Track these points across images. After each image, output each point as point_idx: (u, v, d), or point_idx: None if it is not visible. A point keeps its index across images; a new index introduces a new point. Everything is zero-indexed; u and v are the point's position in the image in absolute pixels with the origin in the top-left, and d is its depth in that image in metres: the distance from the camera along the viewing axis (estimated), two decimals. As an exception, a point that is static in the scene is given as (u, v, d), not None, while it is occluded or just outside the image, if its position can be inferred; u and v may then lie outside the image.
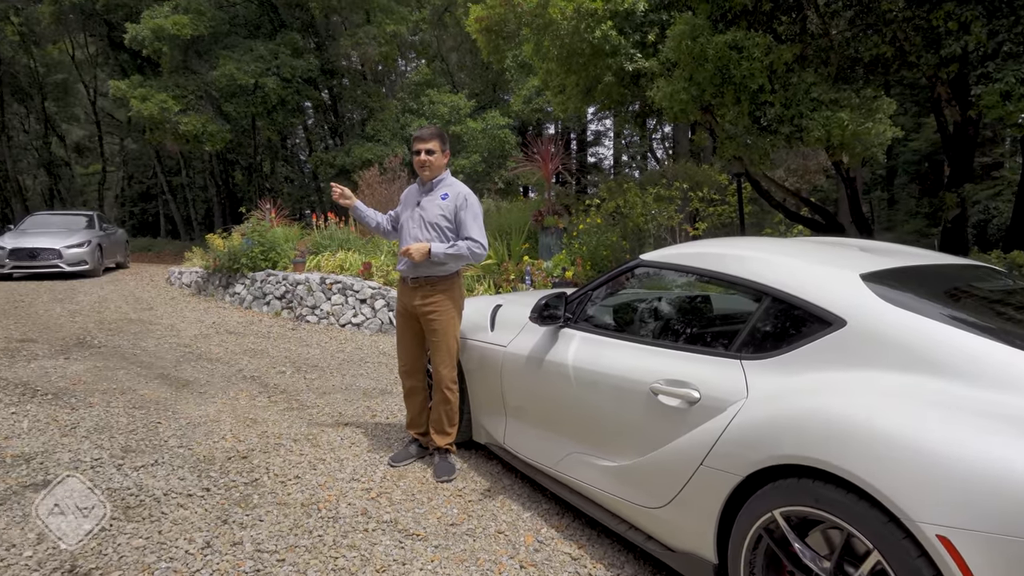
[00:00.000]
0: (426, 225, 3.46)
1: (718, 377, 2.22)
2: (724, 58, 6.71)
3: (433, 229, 3.45)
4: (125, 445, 3.85)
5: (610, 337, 2.80)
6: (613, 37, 7.55)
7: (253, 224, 10.51)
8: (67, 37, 25.56)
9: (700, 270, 2.56)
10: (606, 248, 8.42)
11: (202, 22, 16.69)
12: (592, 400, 2.70)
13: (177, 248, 22.02)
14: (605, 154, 32.71)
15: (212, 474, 3.45)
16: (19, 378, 5.30)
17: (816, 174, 15.71)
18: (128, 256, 16.57)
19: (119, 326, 7.79)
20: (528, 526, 2.96)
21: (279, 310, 8.97)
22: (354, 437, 4.11)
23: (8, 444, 3.84)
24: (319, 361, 6.36)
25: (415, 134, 3.53)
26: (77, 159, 33.21)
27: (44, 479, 3.35)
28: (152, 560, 2.57)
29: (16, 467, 3.50)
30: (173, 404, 4.72)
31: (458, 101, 19.73)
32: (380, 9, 19.65)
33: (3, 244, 12.63)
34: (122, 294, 10.71)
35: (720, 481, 2.06)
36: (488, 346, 3.47)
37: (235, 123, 19.22)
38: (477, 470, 3.62)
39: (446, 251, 3.35)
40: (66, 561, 2.57)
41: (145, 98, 16.47)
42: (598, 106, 9.93)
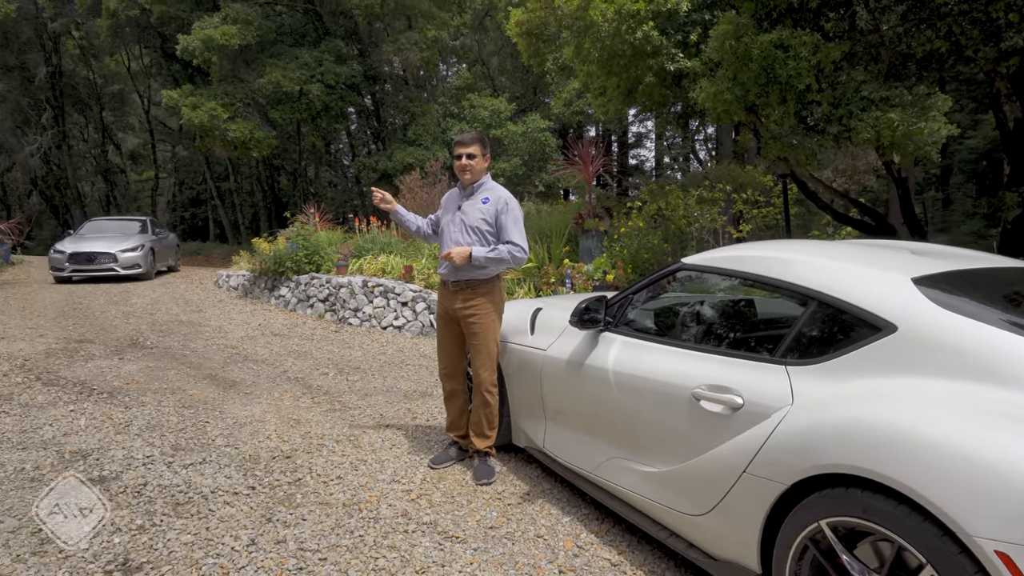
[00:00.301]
0: (467, 229, 3.47)
1: (762, 383, 2.17)
2: (769, 57, 6.58)
3: (474, 233, 3.46)
4: (175, 443, 3.96)
5: (651, 341, 2.76)
6: (655, 38, 7.47)
7: (297, 228, 10.73)
8: (123, 49, 26.56)
9: (744, 273, 2.51)
10: (647, 251, 8.33)
11: (250, 31, 17.13)
12: (632, 405, 2.67)
13: (225, 252, 22.64)
14: (647, 156, 32.43)
15: (257, 473, 3.53)
16: (77, 377, 5.52)
17: (866, 174, 15.27)
18: (179, 259, 17.10)
19: (170, 328, 8.04)
20: (567, 531, 2.95)
21: (322, 313, 9.13)
22: (395, 439, 4.15)
23: (67, 440, 4.00)
24: (361, 363, 6.44)
25: (456, 138, 3.55)
26: (132, 166, 34.45)
27: (100, 475, 3.47)
28: (200, 556, 2.64)
29: (74, 462, 3.64)
30: (220, 404, 4.85)
31: (499, 105, 19.81)
32: (421, 15, 19.88)
33: (63, 248, 13.18)
34: (173, 296, 11.05)
35: (764, 489, 2.01)
36: (528, 349, 3.46)
37: (281, 129, 19.68)
38: (516, 473, 3.62)
39: (487, 255, 3.36)
40: (119, 555, 2.65)
41: (196, 106, 16.99)
42: (639, 108, 9.83)
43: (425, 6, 19.86)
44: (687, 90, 7.94)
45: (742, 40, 6.63)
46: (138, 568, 2.55)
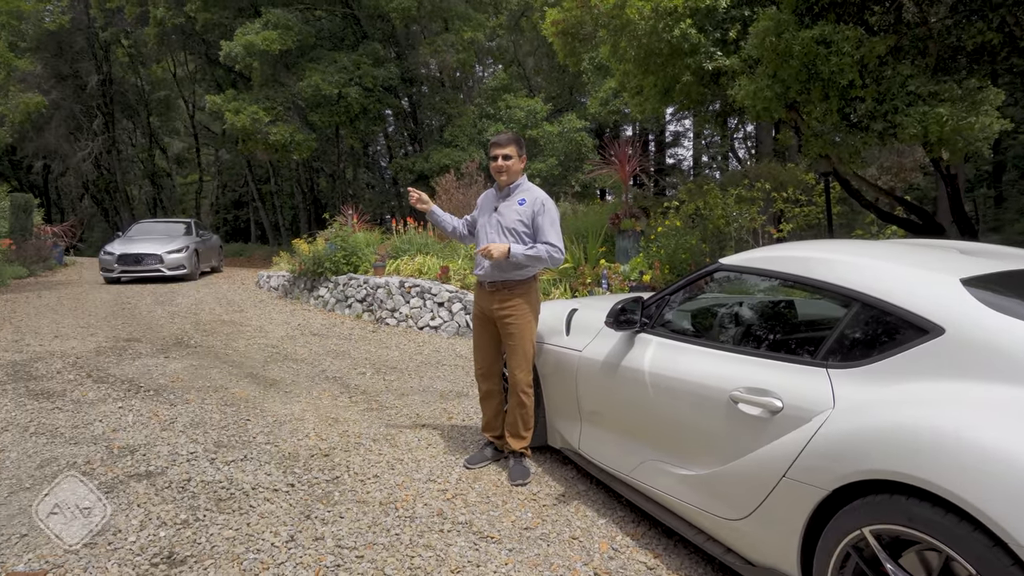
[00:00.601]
0: (503, 230, 3.48)
1: (802, 386, 2.12)
2: (811, 54, 6.43)
3: (510, 234, 3.47)
4: (218, 440, 4.06)
5: (688, 343, 2.72)
6: (693, 35, 7.37)
7: (336, 229, 10.90)
8: (169, 56, 27.34)
9: (784, 274, 2.46)
10: (685, 251, 8.23)
11: (290, 36, 17.46)
12: (669, 407, 2.64)
13: (266, 253, 23.12)
14: (684, 155, 32.04)
15: (296, 470, 3.59)
16: (125, 375, 5.70)
17: (912, 171, 14.81)
18: (222, 260, 17.54)
19: (213, 327, 8.24)
20: (603, 533, 2.93)
21: (360, 313, 9.25)
22: (431, 438, 4.18)
23: (116, 436, 4.13)
24: (398, 363, 6.51)
25: (492, 140, 3.55)
26: (177, 170, 35.46)
27: (146, 470, 3.57)
28: (241, 551, 2.70)
29: (122, 458, 3.76)
30: (261, 402, 4.95)
31: (535, 105, 19.81)
32: (458, 17, 19.99)
33: (112, 250, 13.64)
34: (216, 297, 11.33)
35: (804, 494, 1.96)
36: (563, 350, 3.45)
37: (320, 132, 20.01)
38: (552, 474, 3.61)
39: (525, 252, 3.35)
40: (165, 548, 2.73)
41: (238, 111, 17.39)
42: (677, 107, 9.72)
43: (461, 8, 19.98)
44: (725, 88, 7.81)
45: (783, 36, 6.50)
46: (182, 561, 2.62)
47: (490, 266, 3.48)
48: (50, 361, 6.16)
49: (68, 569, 2.57)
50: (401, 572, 2.56)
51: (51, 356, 6.37)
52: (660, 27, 7.53)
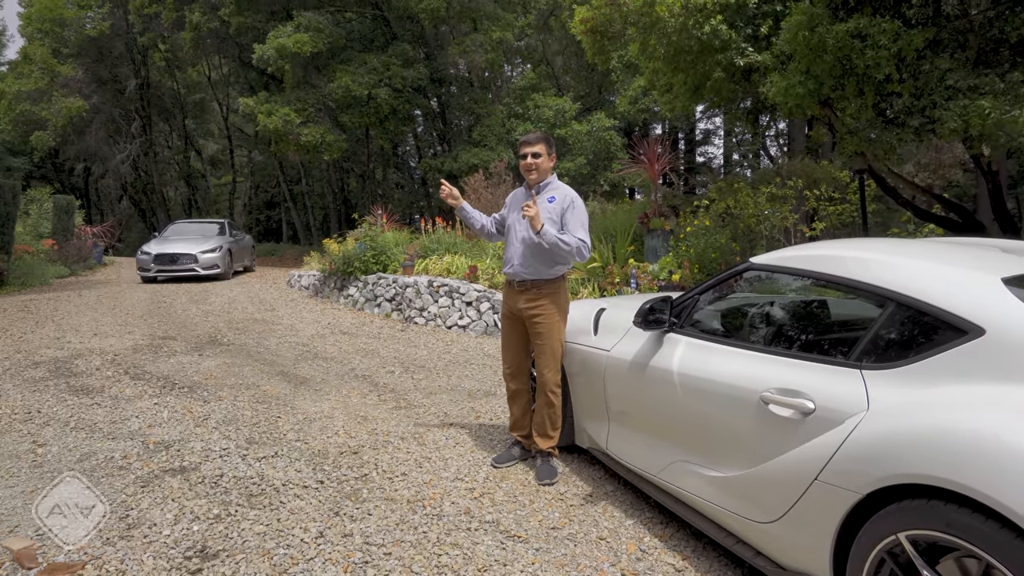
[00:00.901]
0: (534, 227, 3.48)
1: (835, 387, 2.08)
2: (845, 48, 6.30)
3: None
4: (249, 437, 4.13)
5: (718, 343, 2.69)
6: (723, 32, 7.28)
7: (365, 229, 11.00)
8: (204, 60, 27.93)
9: (816, 273, 2.41)
10: (715, 250, 8.13)
11: (320, 39, 17.67)
12: (698, 408, 2.61)
13: (297, 252, 23.46)
14: (715, 153, 31.69)
15: (325, 467, 3.63)
16: (161, 372, 5.83)
17: (951, 168, 14.44)
18: (254, 260, 17.84)
19: (245, 326, 8.39)
20: (631, 534, 2.90)
21: (389, 312, 9.33)
22: (458, 437, 4.20)
23: (151, 432, 4.23)
24: (426, 362, 6.54)
25: (521, 139, 3.56)
26: (211, 171, 36.16)
27: (180, 465, 3.65)
28: (271, 546, 2.74)
29: (157, 453, 3.84)
30: (292, 400, 5.02)
31: (563, 104, 19.76)
32: (486, 16, 20.03)
33: (149, 250, 13.97)
34: (248, 295, 11.52)
35: (837, 498, 1.92)
36: (591, 350, 3.43)
37: (350, 133, 20.22)
38: (579, 474, 3.59)
39: (557, 235, 3.31)
40: (198, 542, 2.78)
41: (270, 112, 17.66)
42: (707, 104, 9.61)
43: (490, 8, 20.01)
44: (757, 84, 7.70)
45: (816, 30, 6.38)
46: (215, 555, 2.67)
47: (519, 265, 3.48)
48: (89, 358, 6.33)
49: (106, 561, 2.63)
50: (428, 570, 2.57)
51: (90, 353, 6.54)
52: (690, 24, 7.46)
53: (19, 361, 6.21)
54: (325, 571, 2.55)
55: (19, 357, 6.38)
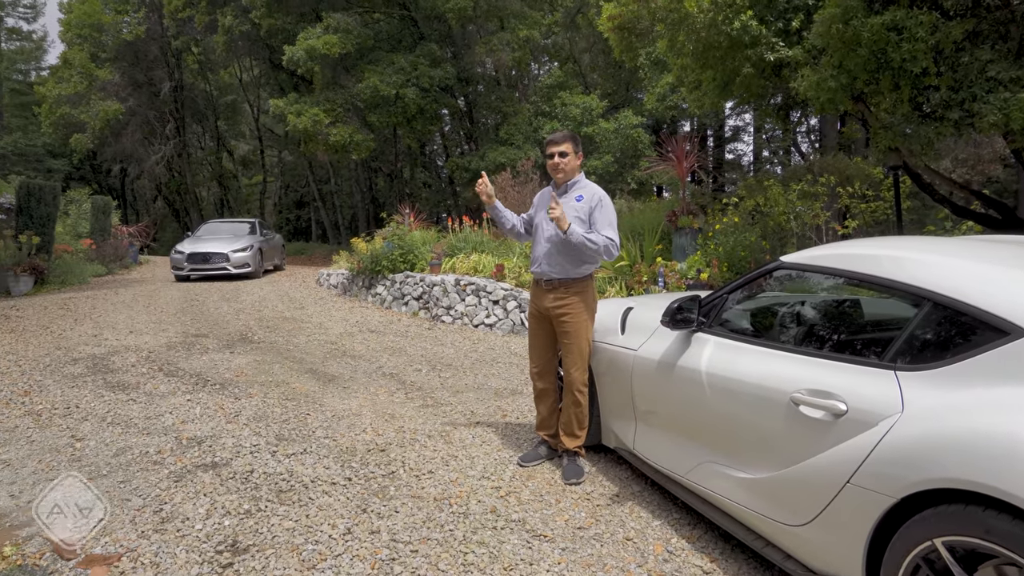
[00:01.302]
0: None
1: (868, 389, 2.03)
2: (881, 41, 6.15)
3: None
4: (279, 433, 4.18)
5: (747, 343, 2.65)
6: (753, 27, 7.16)
7: (393, 228, 11.08)
8: (236, 62, 28.38)
9: (849, 272, 2.36)
10: (744, 248, 8.02)
11: (349, 40, 17.83)
12: (726, 408, 2.57)
13: (326, 251, 23.73)
14: (744, 150, 31.25)
15: (353, 464, 3.66)
16: (194, 369, 5.94)
17: (991, 163, 14.03)
18: (284, 259, 18.08)
19: (275, 324, 8.51)
20: (658, 535, 2.88)
21: (416, 310, 9.38)
22: (485, 436, 4.20)
23: (184, 428, 4.31)
24: (453, 360, 6.57)
25: (548, 138, 3.55)
26: (243, 171, 36.78)
27: (212, 461, 3.71)
28: (300, 542, 2.77)
29: (190, 448, 3.92)
30: (320, 397, 5.07)
31: (590, 102, 19.66)
32: (513, 15, 20.02)
33: (182, 249, 14.26)
34: (278, 294, 11.69)
35: (870, 502, 1.88)
36: (618, 349, 3.41)
37: (378, 132, 20.37)
38: (606, 474, 3.57)
39: (584, 234, 3.31)
40: (229, 536, 2.83)
41: (300, 113, 17.89)
42: (736, 101, 9.48)
43: (517, 6, 19.99)
44: (788, 80, 7.57)
45: (850, 24, 6.24)
46: (245, 550, 2.71)
47: (547, 264, 3.47)
48: (125, 355, 6.48)
49: (141, 553, 2.69)
50: (454, 568, 2.58)
51: (126, 350, 6.69)
52: (719, 20, 7.36)
53: (59, 357, 6.38)
54: (352, 567, 2.57)
55: (59, 354, 6.55)
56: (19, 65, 37.95)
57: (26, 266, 11.98)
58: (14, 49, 38.06)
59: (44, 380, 5.55)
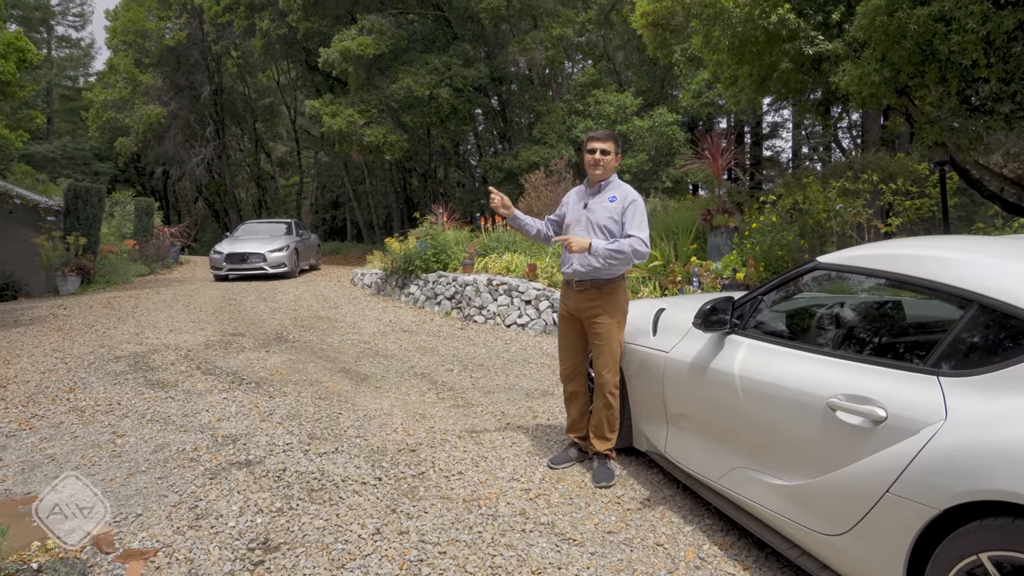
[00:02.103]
0: (593, 228, 3.42)
1: (909, 394, 1.95)
2: (927, 33, 5.95)
3: (601, 232, 3.41)
4: (311, 432, 4.23)
5: (782, 345, 2.58)
6: (791, 20, 7.00)
7: (426, 228, 11.14)
8: (273, 65, 28.90)
9: (890, 274, 2.27)
10: (781, 248, 7.85)
11: (383, 41, 17.99)
12: (761, 413, 2.51)
13: (361, 251, 24.00)
14: (783, 147, 30.64)
15: (384, 464, 3.68)
16: (230, 368, 6.05)
17: (1044, 158, 13.48)
18: (319, 258, 18.34)
19: (310, 323, 8.62)
20: (689, 541, 2.82)
21: (449, 310, 9.41)
22: (515, 437, 4.19)
23: (220, 425, 4.39)
24: (484, 360, 6.57)
25: (589, 134, 3.51)
26: (280, 172, 37.44)
27: (246, 459, 3.77)
28: (330, 541, 2.79)
29: (225, 446, 3.98)
30: (352, 397, 5.12)
31: (624, 100, 19.48)
32: (547, 13, 19.96)
33: (221, 250, 14.57)
34: (313, 293, 11.85)
35: (911, 512, 1.81)
36: (650, 351, 3.36)
37: (412, 133, 20.51)
38: (636, 478, 3.52)
39: (608, 247, 3.27)
40: (261, 534, 2.86)
41: (335, 114, 18.12)
42: (774, 96, 9.28)
43: (550, 4, 19.93)
44: (827, 74, 7.39)
45: (895, 15, 6.05)
46: (276, 548, 2.74)
47: (578, 265, 3.42)
48: (165, 353, 6.63)
49: (176, 549, 2.74)
50: (482, 570, 2.57)
51: (166, 349, 6.85)
52: (756, 14, 7.21)
53: (103, 355, 6.57)
54: (381, 568, 2.58)
55: (103, 351, 6.74)
56: (68, 72, 39.29)
57: (73, 266, 12.37)
58: (64, 56, 39.41)
59: (88, 377, 5.71)
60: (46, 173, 24.41)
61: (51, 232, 12.45)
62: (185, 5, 27.54)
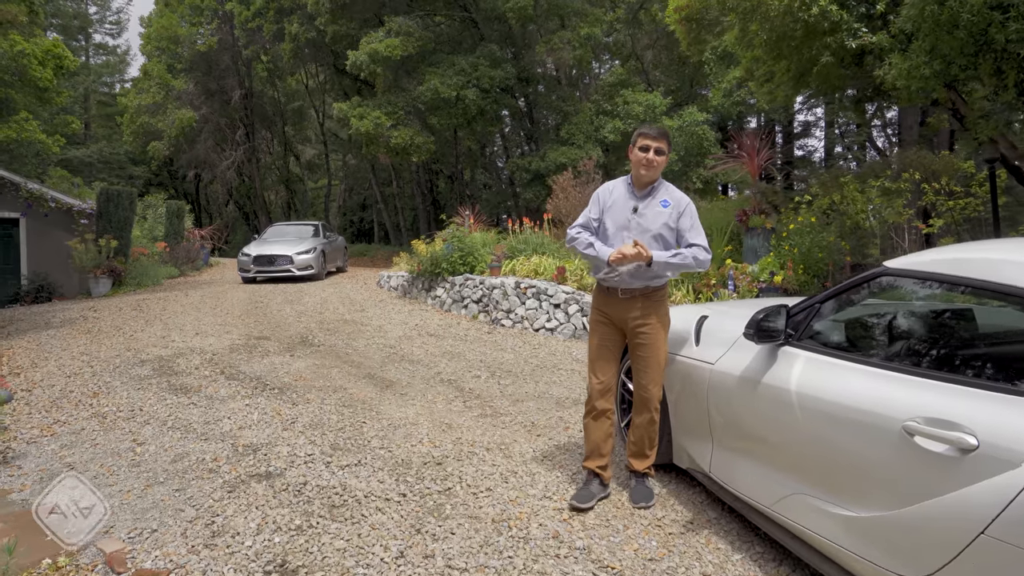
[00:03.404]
0: (648, 236, 3.12)
1: (1006, 420, 1.71)
2: (982, 21, 5.62)
3: (657, 241, 3.11)
4: (334, 443, 4.07)
5: (845, 360, 2.34)
6: (833, 12, 6.70)
7: (453, 230, 10.99)
8: (302, 69, 29.07)
9: (972, 281, 2.02)
10: (821, 249, 7.52)
11: (411, 43, 17.93)
12: (823, 435, 2.27)
13: (388, 253, 23.97)
14: (815, 146, 29.96)
15: (408, 479, 3.50)
16: (255, 372, 5.94)
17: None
18: (346, 260, 18.31)
19: (336, 327, 8.51)
20: (739, 570, 2.59)
21: (476, 313, 9.24)
22: (546, 449, 3.98)
23: (241, 434, 4.25)
24: (512, 366, 6.37)
25: (641, 130, 3.19)
26: (309, 175, 37.74)
27: (266, 471, 3.62)
28: (351, 564, 2.61)
29: (246, 456, 3.84)
30: (377, 404, 4.95)
31: (653, 99, 19.13)
32: (574, 13, 19.73)
33: (249, 252, 14.59)
34: (340, 296, 11.76)
35: (1015, 560, 1.56)
36: (693, 362, 3.12)
37: (439, 135, 20.42)
38: (677, 497, 3.29)
39: (669, 259, 3.02)
40: (278, 555, 2.70)
41: (362, 116, 18.09)
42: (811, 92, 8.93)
43: (578, 4, 19.69)
44: (870, 69, 7.06)
45: (947, 4, 5.72)
46: (294, 571, 2.57)
47: (630, 277, 3.09)
48: (190, 357, 6.56)
49: (189, 570, 2.59)
50: (514, 602, 2.37)
51: (191, 352, 6.78)
52: (796, 6, 6.92)
53: (129, 359, 6.52)
54: (405, 597, 2.39)
55: (129, 355, 6.69)
56: (105, 78, 40.03)
57: (105, 268, 12.48)
58: (100, 63, 40.17)
59: (112, 382, 5.64)
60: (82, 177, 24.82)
61: (84, 235, 12.57)
62: (216, 11, 27.86)
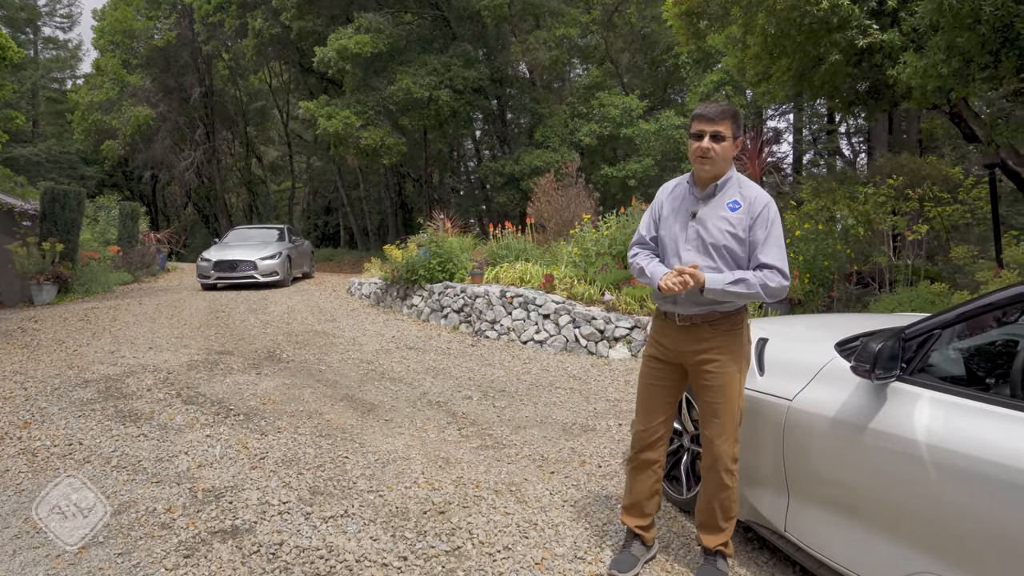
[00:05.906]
0: (706, 247, 2.43)
1: None
2: (1007, 15, 5.27)
3: (719, 254, 2.41)
4: (313, 485, 3.44)
5: (989, 403, 1.83)
6: (844, 7, 6.32)
7: (430, 234, 10.36)
8: (265, 67, 28.11)
9: None
10: (827, 257, 7.14)
11: (381, 40, 17.25)
12: (962, 499, 1.76)
13: (355, 258, 23.17)
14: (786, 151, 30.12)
15: (407, 535, 2.89)
16: (216, 395, 5.24)
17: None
18: (313, 266, 17.49)
19: (305, 339, 7.81)
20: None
21: (457, 324, 8.63)
22: (565, 492, 3.41)
23: (201, 474, 3.59)
24: (505, 385, 5.79)
25: (697, 111, 2.44)
26: (272, 177, 36.59)
27: (232, 525, 2.98)
28: (347, 669, 2.01)
29: (206, 505, 3.19)
30: (359, 434, 4.32)
31: (630, 102, 18.79)
32: (550, 13, 19.32)
33: (209, 257, 13.71)
34: (308, 305, 11.03)
35: None
36: (761, 396, 2.59)
37: (408, 136, 19.75)
38: (737, 557, 2.75)
39: (728, 286, 2.31)
40: (249, 654, 2.08)
41: (331, 116, 17.34)
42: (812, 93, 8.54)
43: (554, 4, 19.29)
44: (882, 68, 6.70)
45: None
46: None
47: (684, 296, 2.44)
48: (142, 376, 5.81)
49: None
50: None
51: (143, 370, 6.03)
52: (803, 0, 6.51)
53: (70, 379, 5.74)
54: None
55: (71, 374, 5.92)
56: (55, 74, 38.26)
57: (49, 274, 11.51)
58: (50, 58, 38.37)
59: (49, 408, 4.89)
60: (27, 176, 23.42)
61: (26, 238, 11.56)
62: (175, 4, 26.69)
